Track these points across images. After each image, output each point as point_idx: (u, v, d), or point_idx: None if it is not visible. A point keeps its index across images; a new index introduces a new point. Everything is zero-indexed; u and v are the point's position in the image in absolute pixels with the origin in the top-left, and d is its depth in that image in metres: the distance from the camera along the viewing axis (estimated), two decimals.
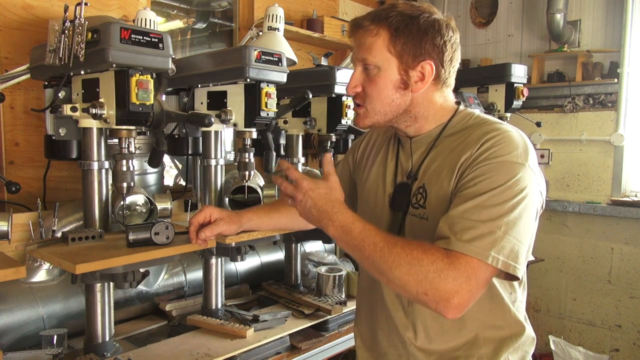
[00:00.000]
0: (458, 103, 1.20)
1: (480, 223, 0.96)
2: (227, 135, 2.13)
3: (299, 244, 2.27)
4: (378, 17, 1.09)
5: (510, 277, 1.01)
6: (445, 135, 1.15)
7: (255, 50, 1.60)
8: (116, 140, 1.47)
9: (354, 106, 1.21)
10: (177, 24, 3.32)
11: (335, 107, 2.06)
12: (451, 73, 1.15)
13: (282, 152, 2.31)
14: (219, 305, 1.86)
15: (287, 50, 2.36)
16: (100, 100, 1.40)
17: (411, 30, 1.07)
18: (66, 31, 1.37)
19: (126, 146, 1.47)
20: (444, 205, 1.06)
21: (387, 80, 1.11)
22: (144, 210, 1.79)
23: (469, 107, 1.23)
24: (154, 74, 1.41)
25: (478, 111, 1.19)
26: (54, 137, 1.60)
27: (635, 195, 3.39)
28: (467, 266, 0.94)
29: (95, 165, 1.51)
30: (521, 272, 0.98)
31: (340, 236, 1.03)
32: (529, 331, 1.18)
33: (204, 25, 3.25)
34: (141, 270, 1.41)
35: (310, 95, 1.86)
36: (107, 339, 1.55)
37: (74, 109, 1.45)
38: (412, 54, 1.09)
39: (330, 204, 1.05)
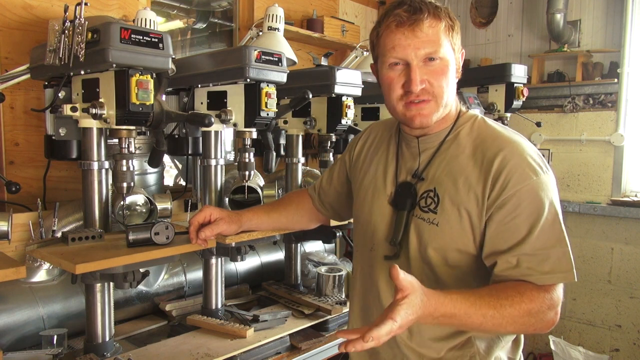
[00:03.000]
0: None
1: (551, 250, 1.03)
2: (227, 135, 2.13)
3: (299, 244, 2.27)
4: (433, 10, 1.08)
5: None
6: (453, 137, 1.16)
7: (255, 50, 1.60)
8: (116, 140, 1.47)
9: (413, 102, 1.11)
10: (177, 24, 3.32)
11: (335, 107, 2.06)
12: None
13: (282, 152, 2.31)
14: (219, 305, 1.86)
15: (287, 50, 2.36)
16: (100, 100, 1.40)
17: (456, 23, 1.13)
18: (66, 31, 1.37)
19: (126, 146, 1.47)
20: (459, 217, 1.08)
21: (452, 69, 1.12)
22: (144, 210, 1.79)
23: (469, 107, 1.24)
24: (154, 74, 1.41)
25: (477, 112, 1.21)
26: (54, 137, 1.60)
27: (635, 195, 3.39)
28: (559, 293, 1.04)
29: (95, 165, 1.51)
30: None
31: (457, 323, 1.01)
32: None
33: (204, 25, 3.25)
34: (141, 270, 1.41)
35: (310, 95, 1.86)
36: (107, 339, 1.55)
37: (74, 109, 1.45)
38: (458, 44, 1.14)
39: (422, 301, 0.95)
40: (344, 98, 2.05)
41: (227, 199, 1.99)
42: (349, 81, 2.05)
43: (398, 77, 1.11)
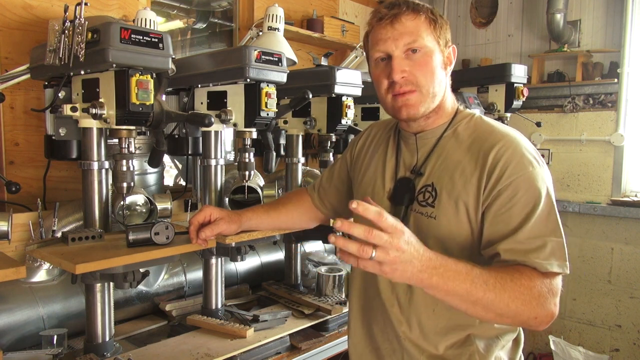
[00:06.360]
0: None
1: (547, 239, 1.02)
2: (227, 135, 2.13)
3: (299, 244, 2.27)
4: (412, 5, 1.13)
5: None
6: (451, 133, 1.17)
7: (255, 50, 1.60)
8: (116, 140, 1.47)
9: (399, 94, 1.13)
10: (177, 24, 3.32)
11: (335, 107, 2.06)
12: None
13: (282, 152, 2.31)
14: (219, 305, 1.86)
15: (287, 50, 2.36)
16: (100, 100, 1.40)
17: (440, 19, 1.15)
18: (66, 31, 1.37)
19: (126, 146, 1.47)
20: (456, 210, 1.09)
21: (437, 60, 1.14)
22: (144, 210, 1.79)
23: (468, 107, 1.25)
24: (154, 74, 1.41)
25: (478, 112, 1.23)
26: (54, 137, 1.60)
27: (635, 195, 3.39)
28: (558, 282, 1.02)
29: (95, 165, 1.51)
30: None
31: (443, 283, 0.90)
32: (519, 329, 1.20)
33: (204, 25, 3.25)
34: (141, 270, 1.41)
35: (310, 95, 1.86)
36: (107, 339, 1.55)
37: (74, 109, 1.45)
38: (445, 38, 1.16)
39: (420, 246, 0.89)
40: (344, 98, 2.05)
41: (227, 199, 1.99)
42: (349, 81, 2.05)
43: (383, 70, 1.15)
